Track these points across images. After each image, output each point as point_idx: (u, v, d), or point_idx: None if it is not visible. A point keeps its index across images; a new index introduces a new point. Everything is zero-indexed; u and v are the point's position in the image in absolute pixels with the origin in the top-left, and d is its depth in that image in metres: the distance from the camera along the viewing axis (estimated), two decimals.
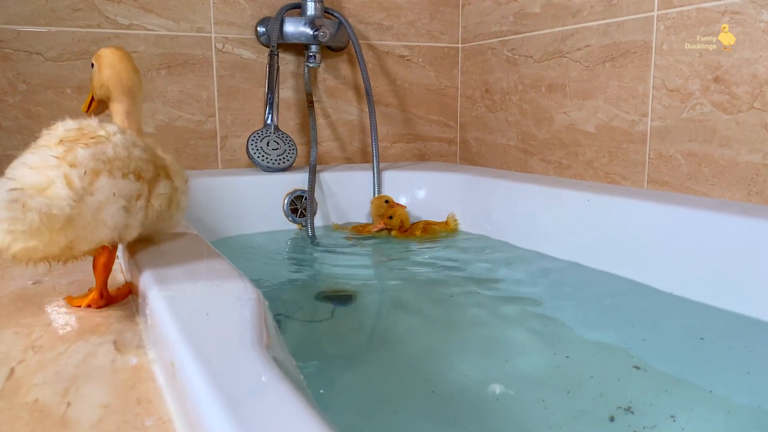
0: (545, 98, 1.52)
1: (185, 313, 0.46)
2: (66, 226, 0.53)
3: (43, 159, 0.54)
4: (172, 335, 0.42)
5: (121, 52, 0.68)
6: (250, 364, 0.38)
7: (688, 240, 1.00)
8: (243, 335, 0.42)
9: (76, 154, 0.54)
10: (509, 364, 0.80)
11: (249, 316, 0.46)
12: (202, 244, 0.75)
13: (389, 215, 1.42)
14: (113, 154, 0.57)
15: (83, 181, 0.53)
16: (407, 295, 1.09)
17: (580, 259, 1.17)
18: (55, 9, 1.41)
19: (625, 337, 0.87)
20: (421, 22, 1.79)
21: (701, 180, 1.17)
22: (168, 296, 0.50)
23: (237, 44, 1.58)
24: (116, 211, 0.56)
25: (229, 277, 0.58)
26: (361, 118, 1.76)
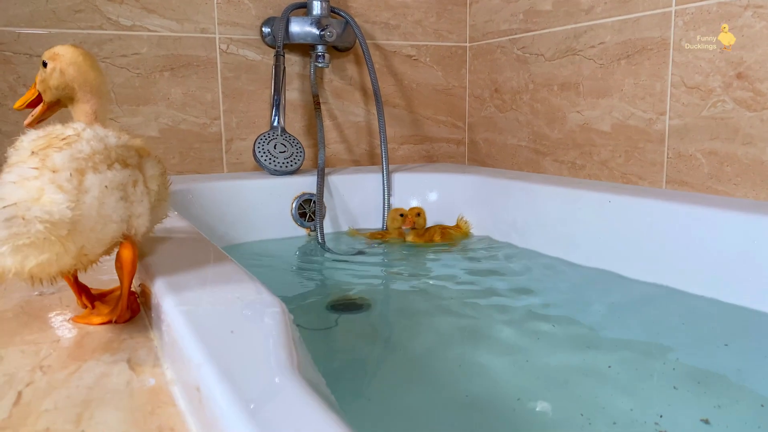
0: (558, 97, 1.49)
1: (208, 331, 0.43)
2: (73, 230, 0.50)
3: (21, 174, 0.50)
4: (196, 357, 0.38)
5: (81, 50, 0.63)
6: (284, 389, 0.35)
7: (719, 242, 0.97)
8: (273, 356, 0.39)
9: (53, 160, 0.51)
10: (538, 372, 0.76)
11: (276, 333, 0.43)
12: (215, 251, 0.72)
13: (416, 212, 1.38)
14: (90, 150, 0.54)
15: (72, 183, 0.51)
16: (422, 303, 1.06)
17: (602, 264, 1.14)
18: (56, 10, 1.37)
19: (656, 340, 0.84)
20: (428, 21, 1.75)
21: (723, 179, 1.13)
22: (187, 311, 0.46)
23: (241, 45, 1.55)
24: (116, 203, 0.54)
25: (249, 288, 0.54)
26: (368, 119, 1.72)
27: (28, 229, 0.47)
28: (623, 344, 0.84)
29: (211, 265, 0.63)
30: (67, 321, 0.60)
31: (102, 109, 0.64)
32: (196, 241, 0.75)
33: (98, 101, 0.63)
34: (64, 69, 0.62)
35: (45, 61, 0.63)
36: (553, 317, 0.94)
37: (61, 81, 0.62)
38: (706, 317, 0.93)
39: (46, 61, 0.63)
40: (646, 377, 0.75)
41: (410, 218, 1.36)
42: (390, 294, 1.14)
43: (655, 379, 0.74)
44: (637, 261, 1.08)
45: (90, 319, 0.60)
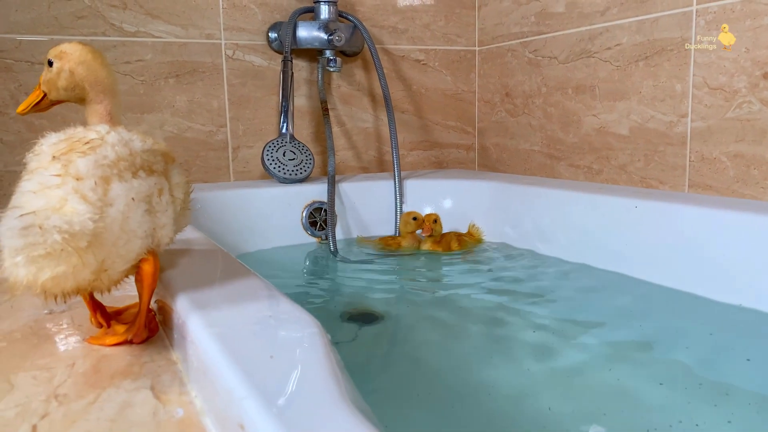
0: (572, 100, 1.45)
1: (245, 358, 0.39)
2: (93, 243, 0.46)
3: (42, 182, 0.47)
4: (238, 390, 0.34)
5: (89, 47, 0.60)
6: (339, 423, 0.31)
7: (748, 247, 0.93)
8: (320, 385, 0.35)
9: (77, 166, 0.48)
10: (570, 389, 0.72)
11: (319, 358, 0.39)
12: (235, 264, 0.68)
13: (433, 219, 1.34)
14: (115, 155, 0.50)
15: (97, 193, 0.47)
16: (442, 313, 1.02)
17: (626, 270, 1.10)
18: (58, 17, 1.34)
19: (685, 351, 0.80)
20: (437, 25, 1.72)
21: (750, 183, 1.10)
22: (219, 334, 0.42)
23: (248, 51, 1.51)
24: (141, 216, 0.51)
25: (280, 304, 0.51)
26: (377, 125, 1.69)
27: (45, 239, 0.44)
28: (648, 353, 0.81)
29: (234, 280, 0.59)
30: (81, 342, 0.56)
31: (116, 108, 0.61)
32: (215, 254, 0.71)
33: (111, 100, 0.60)
34: (74, 68, 0.58)
35: (51, 60, 0.59)
36: (582, 327, 0.90)
37: (70, 81, 0.59)
38: (732, 325, 0.90)
39: (52, 60, 0.59)
40: (681, 391, 0.71)
41: (428, 225, 1.32)
42: (408, 304, 1.10)
43: (691, 392, 0.71)
44: (664, 267, 1.04)
45: (104, 340, 0.56)
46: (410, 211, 1.36)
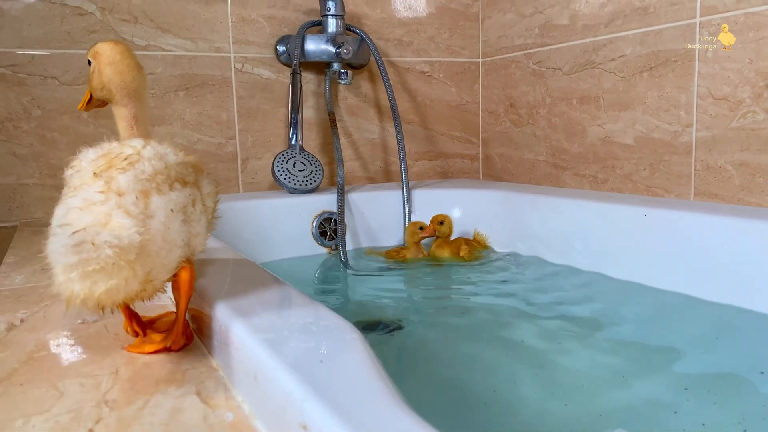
0: (577, 111, 1.48)
1: (297, 362, 0.40)
2: (140, 255, 0.48)
3: (86, 198, 0.49)
4: (297, 392, 0.36)
5: (121, 47, 0.60)
6: (398, 422, 0.32)
7: (759, 254, 0.95)
8: (374, 387, 0.36)
9: (118, 182, 0.50)
10: (588, 398, 0.74)
11: (367, 361, 0.40)
12: (262, 273, 0.69)
13: (439, 221, 1.35)
14: (152, 170, 0.52)
15: (138, 207, 0.49)
16: (457, 323, 1.03)
17: (637, 278, 1.12)
18: (71, 31, 1.35)
19: (699, 357, 0.82)
20: (441, 38, 1.75)
21: (756, 191, 1.12)
22: (268, 340, 0.44)
23: (257, 64, 1.53)
24: (180, 226, 0.52)
25: (317, 311, 0.52)
26: (383, 136, 1.71)
27: (98, 254, 0.46)
28: (665, 365, 0.82)
29: (266, 288, 0.61)
30: (120, 350, 0.57)
31: (142, 113, 0.61)
32: (241, 263, 0.73)
33: (137, 104, 0.60)
34: (102, 69, 0.59)
35: (88, 59, 0.61)
36: (596, 334, 0.92)
37: (98, 82, 0.60)
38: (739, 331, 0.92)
39: (89, 59, 0.61)
40: (689, 396, 0.73)
41: (431, 227, 1.33)
42: (421, 313, 1.12)
43: (696, 394, 0.72)
44: (671, 274, 1.06)
45: (143, 348, 0.57)
46: (416, 221, 1.38)
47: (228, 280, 0.64)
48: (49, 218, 0.49)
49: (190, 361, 0.54)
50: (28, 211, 1.35)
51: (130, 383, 0.50)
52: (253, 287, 0.61)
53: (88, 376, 0.52)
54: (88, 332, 0.63)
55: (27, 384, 0.50)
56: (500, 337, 0.94)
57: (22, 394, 0.48)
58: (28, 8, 1.32)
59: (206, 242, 0.58)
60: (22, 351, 0.57)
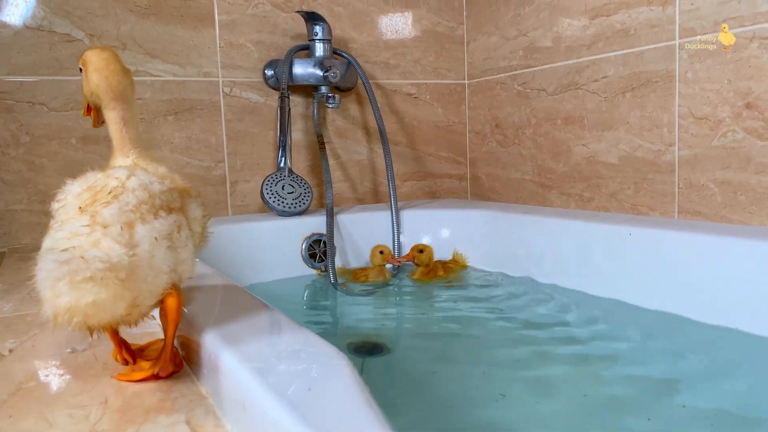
0: (561, 131, 1.50)
1: (286, 390, 0.40)
2: (128, 278, 0.49)
3: (72, 231, 0.50)
4: (286, 421, 0.36)
5: (106, 53, 0.61)
6: None
7: (742, 271, 0.97)
8: (361, 414, 0.37)
9: (103, 215, 0.51)
10: (579, 420, 0.74)
11: (354, 389, 0.41)
12: (250, 298, 0.70)
13: (419, 249, 1.39)
14: (137, 200, 0.53)
15: (124, 237, 0.50)
16: (446, 343, 1.04)
17: (622, 296, 1.13)
18: (59, 58, 1.36)
19: (677, 373, 0.83)
20: (427, 60, 1.77)
21: (738, 209, 1.14)
22: (257, 368, 0.44)
23: (245, 88, 1.55)
24: (165, 253, 0.53)
25: (305, 338, 0.53)
26: (372, 157, 1.72)
27: (88, 266, 0.46)
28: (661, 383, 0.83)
29: (255, 314, 0.61)
30: (109, 379, 0.58)
31: (130, 115, 0.62)
32: (229, 289, 0.73)
33: (124, 108, 0.61)
34: (89, 75, 0.60)
35: (80, 67, 0.62)
36: (592, 356, 0.93)
37: (87, 88, 0.61)
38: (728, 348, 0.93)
39: (80, 67, 0.62)
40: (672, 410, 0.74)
41: (387, 255, 1.40)
42: (410, 334, 1.12)
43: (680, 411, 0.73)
44: (657, 293, 1.08)
45: (131, 376, 0.57)
46: (378, 245, 1.41)
47: (217, 306, 0.65)
48: (38, 243, 0.50)
49: (179, 389, 0.55)
50: (15, 237, 1.35)
51: (120, 413, 0.50)
52: (242, 313, 0.61)
53: (78, 406, 0.52)
54: (77, 361, 0.63)
55: (16, 416, 0.50)
56: (489, 359, 0.95)
57: (12, 426, 0.48)
58: (16, 35, 1.33)
59: (194, 268, 0.59)
60: (11, 382, 0.57)
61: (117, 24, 1.41)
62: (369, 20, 1.69)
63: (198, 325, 0.57)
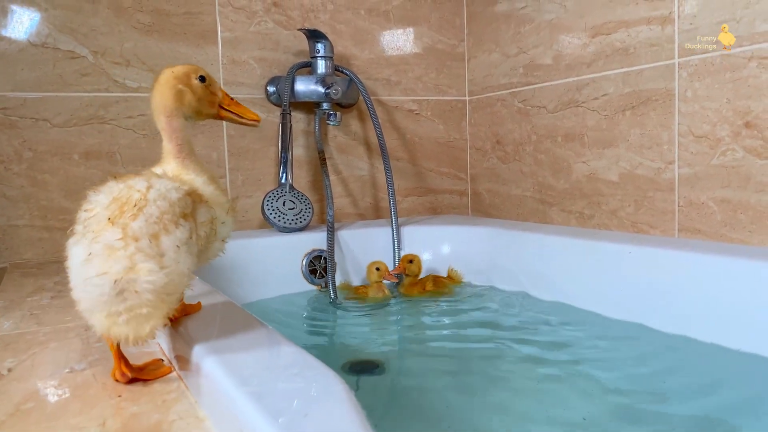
0: (562, 148, 1.51)
1: (282, 417, 0.41)
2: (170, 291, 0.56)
3: (108, 245, 0.55)
4: None
5: (166, 74, 0.68)
6: None
7: (742, 291, 0.97)
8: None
9: (133, 229, 0.56)
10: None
11: (351, 414, 0.41)
12: (247, 317, 0.70)
13: (409, 260, 1.39)
14: (159, 212, 0.58)
15: (153, 249, 0.56)
16: (443, 361, 1.03)
17: (629, 316, 1.13)
18: (63, 74, 1.37)
19: (677, 391, 0.83)
20: (428, 77, 1.78)
21: (738, 227, 1.14)
22: (253, 393, 0.44)
23: (247, 104, 1.55)
24: (185, 257, 0.58)
25: (303, 360, 0.53)
26: (373, 173, 1.73)
27: (141, 300, 0.53)
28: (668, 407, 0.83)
29: (253, 335, 0.61)
30: (108, 401, 0.58)
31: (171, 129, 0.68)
32: (228, 308, 0.73)
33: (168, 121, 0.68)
34: (152, 92, 0.69)
35: None
36: (588, 374, 0.92)
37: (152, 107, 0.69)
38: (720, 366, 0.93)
39: None
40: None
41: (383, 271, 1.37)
42: (407, 352, 1.12)
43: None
44: (661, 312, 1.07)
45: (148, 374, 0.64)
46: (374, 261, 1.40)
47: (215, 327, 0.65)
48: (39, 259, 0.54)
49: (177, 412, 0.55)
50: (17, 253, 1.35)
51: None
52: (240, 335, 0.61)
53: (76, 428, 0.52)
54: (75, 381, 0.63)
55: None
56: (488, 376, 0.95)
57: None
58: (21, 52, 1.34)
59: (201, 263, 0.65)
60: (10, 402, 0.57)
61: (120, 41, 1.42)
62: (370, 37, 1.70)
63: (196, 346, 0.57)
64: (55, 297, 1.01)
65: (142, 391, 0.60)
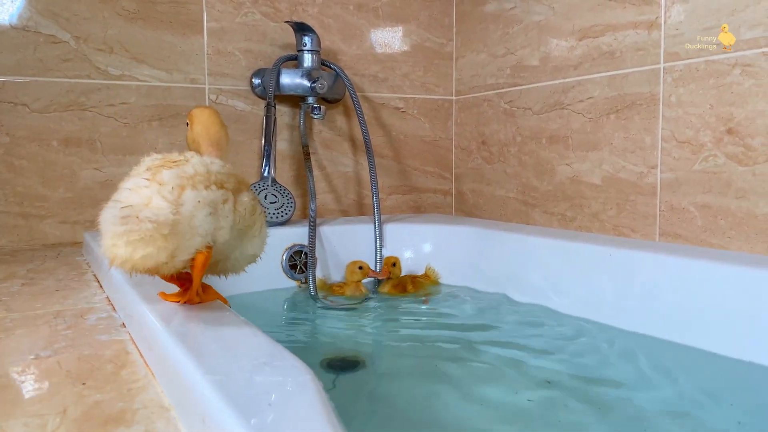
0: (546, 150, 1.50)
1: (245, 405, 0.39)
2: (171, 232, 0.60)
3: (136, 183, 0.63)
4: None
5: (209, 110, 0.76)
6: None
7: (718, 295, 0.97)
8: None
9: (162, 176, 0.63)
10: None
11: (316, 405, 0.40)
12: (222, 308, 0.69)
13: (392, 263, 1.39)
14: (193, 171, 0.64)
15: (173, 195, 0.62)
16: (419, 359, 1.03)
17: (595, 317, 1.13)
18: (44, 59, 1.35)
19: (652, 393, 0.82)
20: (416, 75, 1.78)
21: (717, 233, 1.15)
22: (218, 381, 0.43)
23: (231, 96, 1.54)
24: (204, 217, 0.63)
25: (272, 352, 0.52)
26: (357, 170, 1.72)
27: (140, 227, 0.58)
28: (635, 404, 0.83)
29: (224, 326, 0.60)
30: (71, 387, 0.56)
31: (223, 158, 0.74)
32: None
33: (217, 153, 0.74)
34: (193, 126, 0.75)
35: (187, 122, 0.77)
36: (564, 375, 0.92)
37: (190, 137, 0.76)
38: (702, 370, 0.93)
39: (187, 122, 0.77)
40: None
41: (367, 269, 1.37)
42: (385, 350, 1.11)
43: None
44: (638, 314, 1.07)
45: (168, 297, 0.72)
46: (356, 261, 1.39)
47: (186, 316, 0.64)
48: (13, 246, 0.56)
49: (142, 401, 0.53)
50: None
51: (78, 423, 0.49)
52: (210, 324, 0.60)
53: (35, 415, 0.50)
54: (39, 368, 0.61)
55: None
56: (465, 374, 0.94)
57: None
58: (1, 35, 1.31)
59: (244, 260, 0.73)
60: None
61: (104, 27, 1.40)
62: (359, 33, 1.69)
63: (163, 334, 0.56)
64: (26, 284, 0.99)
65: (108, 379, 0.58)
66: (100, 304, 0.86)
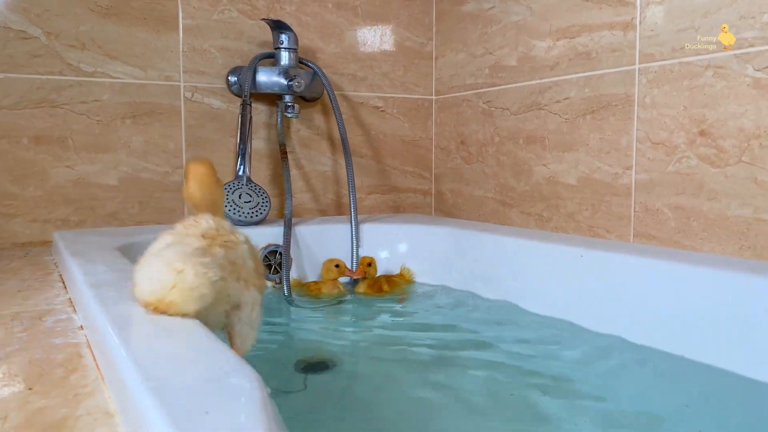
0: (523, 150, 1.50)
1: (181, 414, 0.38)
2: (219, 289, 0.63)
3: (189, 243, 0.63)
4: None
5: (204, 167, 0.73)
6: None
7: (689, 298, 0.97)
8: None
9: (216, 251, 0.63)
10: None
11: (256, 413, 0.39)
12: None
13: (368, 262, 1.38)
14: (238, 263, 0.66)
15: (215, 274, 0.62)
16: (392, 360, 1.02)
17: (572, 318, 1.12)
18: (14, 55, 1.33)
19: (618, 396, 0.82)
20: (395, 74, 1.77)
21: (690, 234, 1.15)
22: (155, 388, 0.42)
23: (207, 93, 1.52)
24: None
25: (219, 356, 0.50)
26: (335, 169, 1.71)
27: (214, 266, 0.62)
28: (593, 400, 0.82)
29: (180, 333, 0.59)
30: (16, 394, 0.55)
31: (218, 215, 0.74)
32: None
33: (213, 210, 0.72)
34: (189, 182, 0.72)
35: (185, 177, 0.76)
36: (534, 373, 0.92)
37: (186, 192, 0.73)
38: (671, 375, 0.93)
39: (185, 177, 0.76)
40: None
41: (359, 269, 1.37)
42: (361, 350, 1.11)
43: None
44: (601, 314, 1.07)
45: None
46: (332, 259, 1.38)
47: (142, 321, 0.62)
48: None
49: (87, 407, 0.52)
50: None
51: (17, 430, 0.47)
52: (167, 330, 0.59)
53: None
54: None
55: None
56: (439, 375, 0.94)
57: None
58: None
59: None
60: None
61: (76, 23, 1.38)
62: (338, 32, 1.68)
63: (113, 338, 0.55)
64: None
65: (55, 384, 0.57)
66: (61, 306, 0.85)
